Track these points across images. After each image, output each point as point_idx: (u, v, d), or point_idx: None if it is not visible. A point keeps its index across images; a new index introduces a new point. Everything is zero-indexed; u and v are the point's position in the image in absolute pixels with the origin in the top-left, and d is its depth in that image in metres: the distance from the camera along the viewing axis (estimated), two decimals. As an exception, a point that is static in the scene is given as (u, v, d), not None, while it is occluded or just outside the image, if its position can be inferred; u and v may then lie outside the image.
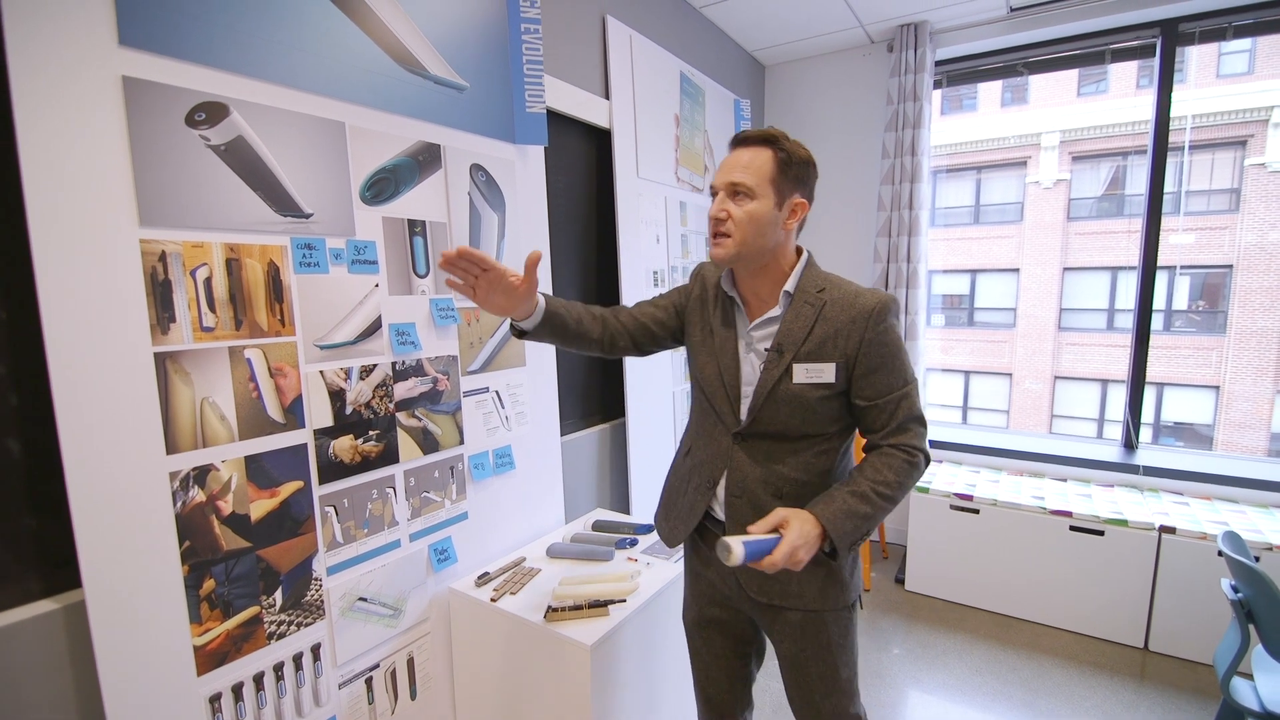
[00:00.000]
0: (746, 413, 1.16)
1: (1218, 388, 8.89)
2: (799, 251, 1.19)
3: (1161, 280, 2.79)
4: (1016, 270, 10.12)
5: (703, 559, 1.30)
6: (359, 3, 1.39)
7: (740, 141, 1.13)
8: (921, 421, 1.13)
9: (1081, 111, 9.68)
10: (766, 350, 1.15)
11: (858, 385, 1.11)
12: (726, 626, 1.31)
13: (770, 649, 1.33)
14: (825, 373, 1.10)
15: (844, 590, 1.18)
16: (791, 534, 1.01)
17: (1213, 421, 8.91)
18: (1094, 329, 9.59)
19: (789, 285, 1.14)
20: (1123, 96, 9.57)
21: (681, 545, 1.34)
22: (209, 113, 1.16)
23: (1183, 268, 8.91)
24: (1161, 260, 2.76)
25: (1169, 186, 2.68)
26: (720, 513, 1.22)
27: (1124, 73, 9.41)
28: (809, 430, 1.14)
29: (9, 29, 0.93)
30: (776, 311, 1.15)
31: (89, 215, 1.02)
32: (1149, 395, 9.20)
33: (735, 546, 0.98)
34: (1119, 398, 9.31)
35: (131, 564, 1.08)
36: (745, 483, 1.17)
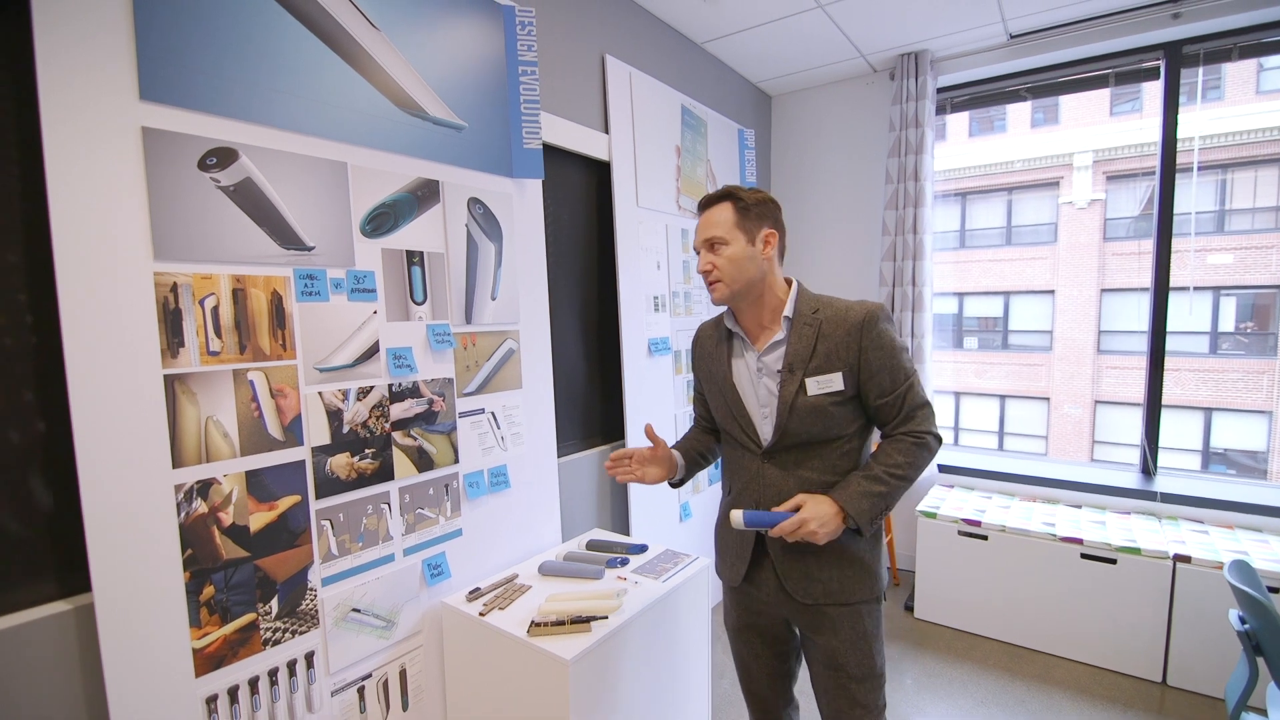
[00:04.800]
0: (774, 429, 1.29)
1: (1270, 413, 8.49)
2: (790, 283, 1.34)
3: (1205, 301, 2.75)
4: (1051, 292, 9.89)
5: (752, 580, 1.39)
6: (361, 52, 1.52)
7: (704, 205, 1.33)
8: (924, 405, 1.26)
9: (1114, 131, 9.49)
10: (779, 371, 1.28)
11: (866, 387, 1.25)
12: (765, 630, 1.43)
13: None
14: (834, 382, 1.24)
15: (875, 581, 1.31)
16: (804, 510, 1.19)
17: (1266, 448, 8.49)
18: (1135, 352, 9.28)
19: (788, 311, 1.29)
20: (1157, 115, 9.36)
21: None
22: (220, 157, 1.28)
23: (1225, 288, 8.58)
24: (1201, 281, 2.72)
25: (1212, 205, 2.65)
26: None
27: (1158, 91, 9.22)
28: (830, 434, 1.27)
29: (43, 86, 1.06)
30: (780, 336, 1.29)
31: (108, 251, 1.13)
32: (1197, 421, 8.84)
33: (736, 516, 1.22)
34: (1165, 422, 8.96)
35: (137, 569, 1.17)
36: (780, 495, 1.28)
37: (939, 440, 1.26)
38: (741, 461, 1.36)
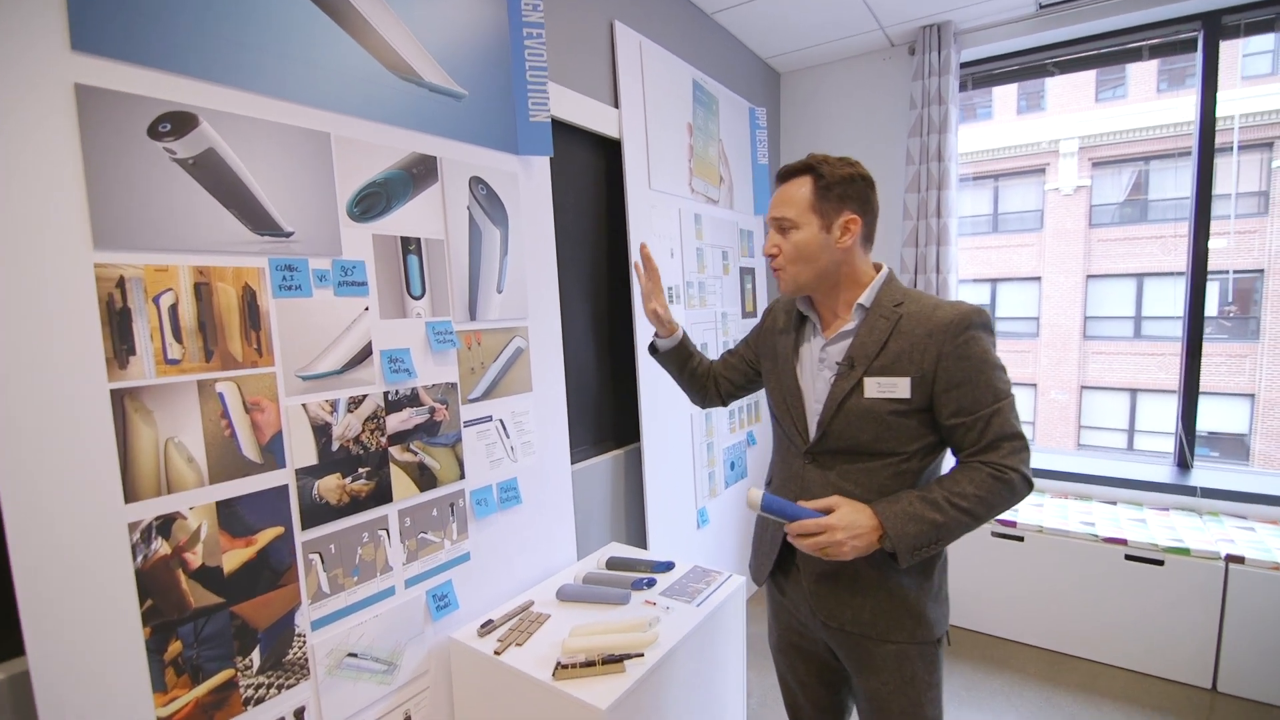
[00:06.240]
0: (816, 427, 1.14)
1: (1253, 396, 8.55)
2: (880, 269, 1.17)
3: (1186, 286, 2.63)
4: (1038, 279, 9.89)
5: (780, 588, 1.28)
6: (345, 5, 1.29)
7: (782, 176, 1.16)
8: (1015, 438, 1.03)
9: (1101, 117, 9.48)
10: (839, 364, 1.11)
11: (940, 402, 1.05)
12: (807, 654, 1.29)
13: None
14: (899, 387, 1.06)
15: (923, 624, 1.12)
16: (835, 515, 1.02)
17: (1249, 431, 8.57)
18: (1120, 337, 9.32)
19: (863, 299, 1.12)
20: (1143, 100, 9.34)
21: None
22: (175, 123, 1.05)
23: (1210, 273, 8.57)
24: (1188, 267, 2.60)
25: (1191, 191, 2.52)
26: None
27: (1143, 77, 9.19)
28: (882, 447, 1.09)
29: (-59, 31, 0.83)
30: (850, 325, 1.13)
31: (35, 238, 0.91)
32: (1180, 405, 8.89)
33: (754, 495, 1.04)
34: (1150, 407, 9.01)
35: (83, 628, 0.95)
36: None
37: (1028, 484, 1.04)
38: (785, 456, 1.23)
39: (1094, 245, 9.57)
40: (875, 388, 1.07)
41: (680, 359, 1.44)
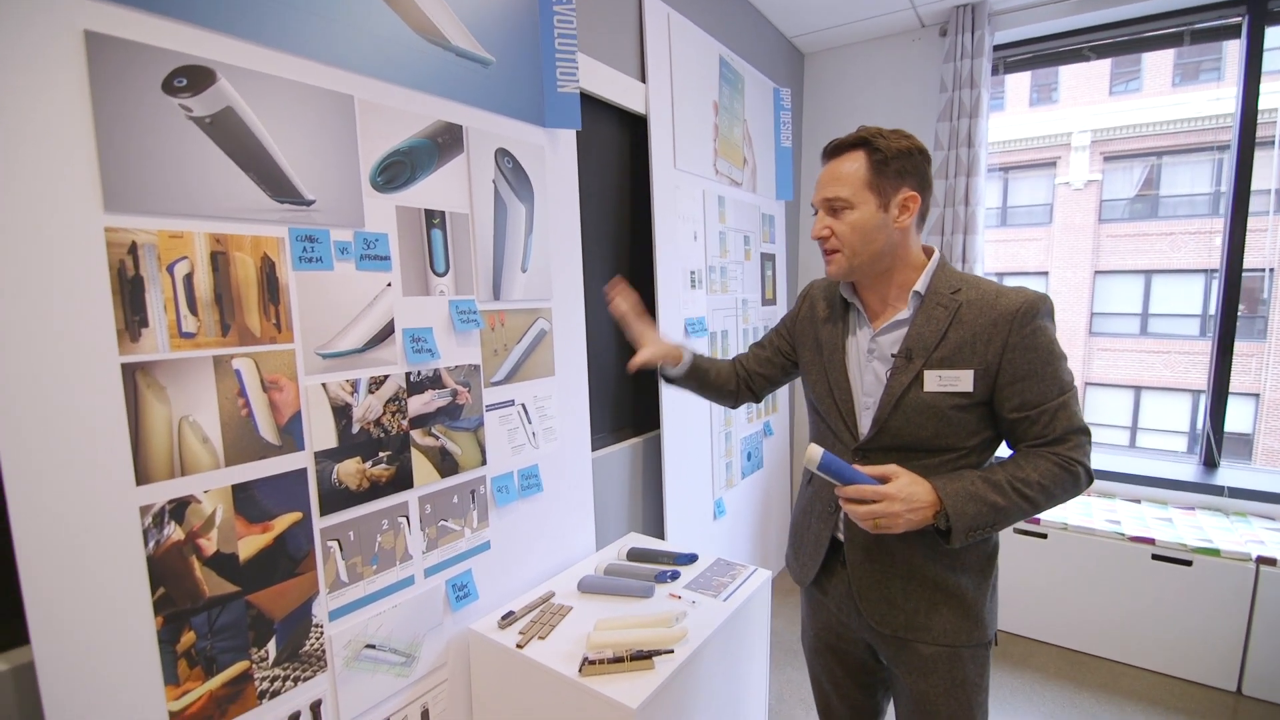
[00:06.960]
0: (871, 423, 1.07)
1: (1257, 395, 8.52)
2: (929, 253, 1.10)
3: (1197, 284, 2.56)
4: (1045, 274, 9.81)
5: (822, 587, 1.21)
6: (371, -42, 1.21)
7: (831, 152, 1.08)
8: (1081, 431, 0.99)
9: (1114, 110, 9.34)
10: (894, 355, 1.04)
11: (1004, 395, 0.99)
12: (845, 655, 1.24)
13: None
14: (961, 381, 0.99)
15: (979, 625, 1.08)
16: (893, 485, 0.96)
17: (1252, 430, 8.54)
18: (1126, 334, 9.26)
19: (919, 285, 1.05)
20: (1158, 94, 9.20)
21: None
22: (192, 78, 0.97)
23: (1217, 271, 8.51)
24: (1198, 264, 2.53)
25: (1207, 188, 2.45)
26: (841, 535, 1.13)
27: (1159, 70, 9.05)
28: (941, 443, 1.03)
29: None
30: (905, 314, 1.06)
31: (41, 199, 0.84)
32: (1185, 404, 8.85)
33: (814, 452, 0.97)
34: (1153, 405, 8.97)
35: (92, 617, 0.89)
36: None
37: (1090, 479, 1.00)
38: (830, 450, 1.13)
39: (1103, 241, 9.47)
40: (936, 381, 1.00)
41: (698, 378, 1.35)
